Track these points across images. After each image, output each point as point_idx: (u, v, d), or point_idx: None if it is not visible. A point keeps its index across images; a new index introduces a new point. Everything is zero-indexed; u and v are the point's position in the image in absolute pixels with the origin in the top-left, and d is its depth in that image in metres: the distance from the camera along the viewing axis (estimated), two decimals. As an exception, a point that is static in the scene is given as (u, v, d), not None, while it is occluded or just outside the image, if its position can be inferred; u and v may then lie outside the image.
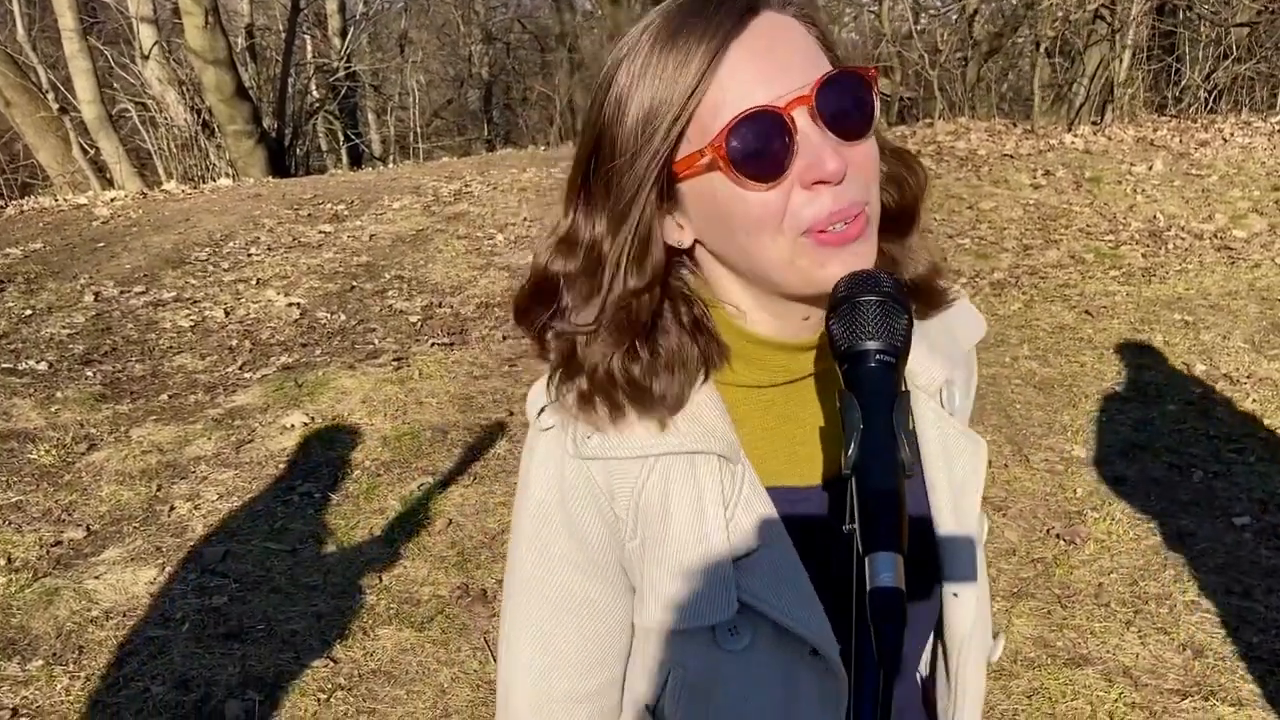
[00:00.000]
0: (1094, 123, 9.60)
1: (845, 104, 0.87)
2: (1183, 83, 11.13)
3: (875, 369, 0.82)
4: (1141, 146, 8.56)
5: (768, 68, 0.85)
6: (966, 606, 1.02)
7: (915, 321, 0.90)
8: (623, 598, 1.00)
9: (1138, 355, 5.05)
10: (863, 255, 0.88)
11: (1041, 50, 9.63)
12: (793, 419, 0.99)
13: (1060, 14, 9.27)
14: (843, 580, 0.93)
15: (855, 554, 0.76)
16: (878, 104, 0.90)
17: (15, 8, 12.30)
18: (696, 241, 0.95)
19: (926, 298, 1.04)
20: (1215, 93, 11.42)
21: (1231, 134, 8.82)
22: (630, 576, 0.99)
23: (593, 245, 0.93)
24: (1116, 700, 3.03)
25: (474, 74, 25.00)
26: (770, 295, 0.94)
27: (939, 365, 1.04)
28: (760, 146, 0.85)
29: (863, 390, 0.81)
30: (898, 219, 0.99)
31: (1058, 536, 3.80)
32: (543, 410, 1.00)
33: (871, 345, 0.82)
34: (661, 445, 0.94)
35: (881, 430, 0.78)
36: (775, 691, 0.96)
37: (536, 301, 1.00)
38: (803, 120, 0.85)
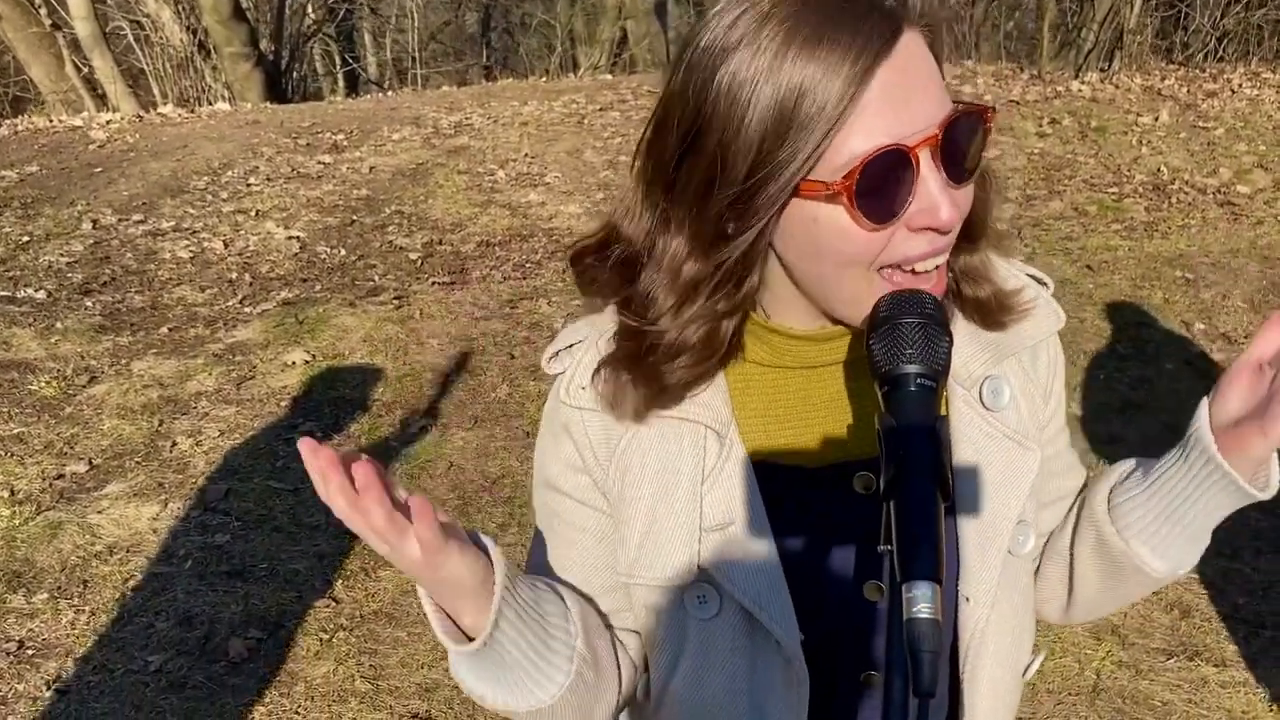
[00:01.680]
0: (1102, 69, 9.49)
1: (965, 148, 0.85)
2: (1192, 28, 11.00)
3: (915, 393, 0.82)
4: (1149, 96, 8.48)
5: (906, 102, 0.81)
6: (979, 612, 1.00)
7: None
8: (612, 531, 1.03)
9: (1138, 313, 5.06)
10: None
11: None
12: (804, 402, 0.99)
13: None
14: (828, 569, 0.97)
15: (890, 578, 0.77)
16: (989, 146, 0.89)
17: (6, -82, 12.00)
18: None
19: (989, 317, 1.01)
20: (1224, 40, 11.29)
21: (1240, 85, 8.73)
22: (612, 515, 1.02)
23: (676, 258, 0.91)
24: (1104, 658, 3.09)
25: (472, -5, 24.58)
26: (813, 305, 0.94)
27: (981, 359, 1.01)
28: (884, 188, 0.82)
29: (902, 415, 0.82)
30: (965, 229, 0.93)
31: (1052, 494, 3.85)
32: (555, 355, 1.03)
33: (912, 369, 0.83)
34: None
35: (920, 457, 0.79)
36: (739, 667, 0.98)
37: (600, 260, 0.99)
38: (925, 161, 0.83)
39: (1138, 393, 4.43)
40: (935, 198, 0.83)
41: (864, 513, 0.95)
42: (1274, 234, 6.09)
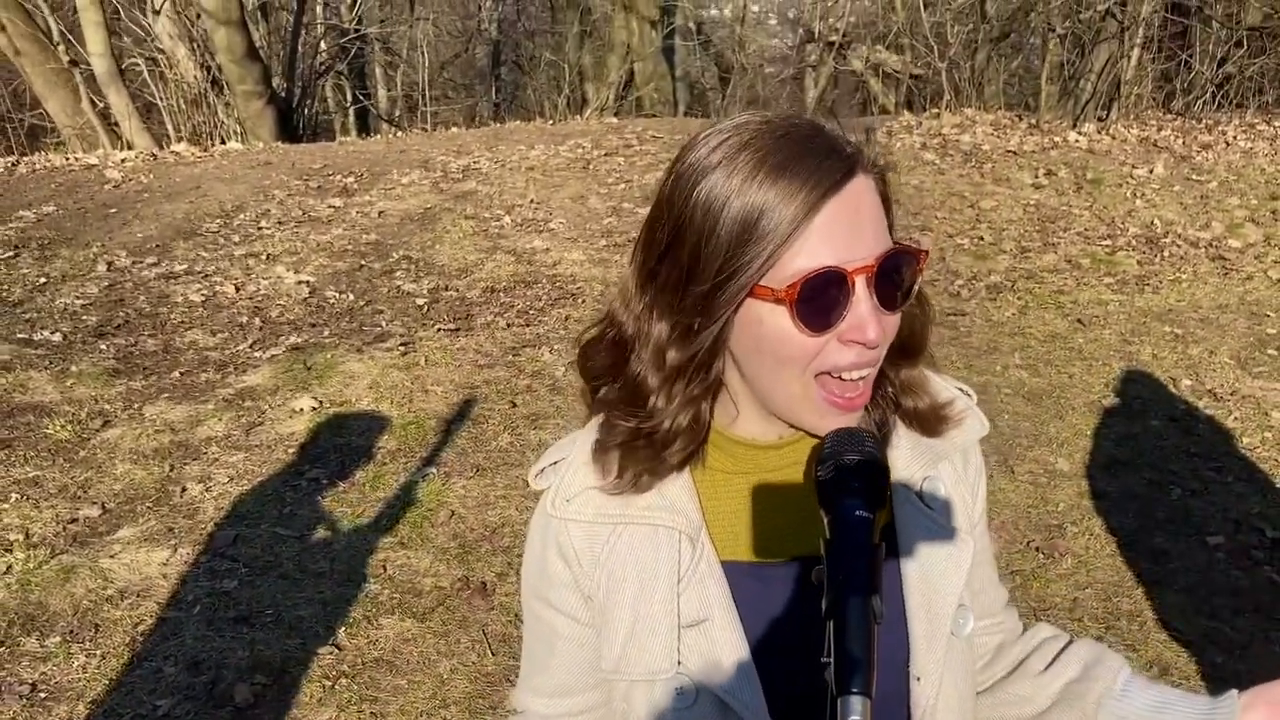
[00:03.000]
0: (1100, 118, 9.66)
1: (895, 280, 0.99)
2: (1191, 77, 11.18)
3: (854, 523, 0.94)
4: (1144, 148, 8.63)
5: (849, 234, 0.96)
6: (928, 689, 1.12)
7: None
8: (593, 638, 1.15)
9: (1126, 368, 5.18)
10: (854, 419, 1.03)
11: (1049, 45, 9.67)
12: (764, 506, 1.12)
13: (1070, 10, 9.30)
14: (791, 656, 1.09)
15: (830, 690, 0.89)
16: (919, 281, 1.03)
17: (28, -42, 12.27)
18: None
19: (926, 426, 1.15)
20: (1223, 90, 11.47)
21: (1234, 138, 8.89)
22: (594, 622, 1.13)
23: (660, 344, 1.05)
24: (1082, 716, 3.18)
25: (483, 30, 24.91)
26: (763, 407, 1.07)
27: (920, 462, 1.14)
28: (823, 302, 0.96)
29: (843, 542, 0.93)
30: (905, 348, 1.10)
31: (1037, 549, 3.95)
32: (541, 471, 1.16)
33: (851, 502, 0.95)
34: (626, 516, 1.09)
35: (857, 581, 0.91)
36: None
37: (599, 351, 1.13)
38: (860, 286, 0.96)
39: (1123, 449, 4.54)
40: (865, 318, 0.97)
41: (820, 603, 1.07)
42: (1263, 289, 6.21)
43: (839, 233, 0.95)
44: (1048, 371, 5.12)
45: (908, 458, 1.14)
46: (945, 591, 1.13)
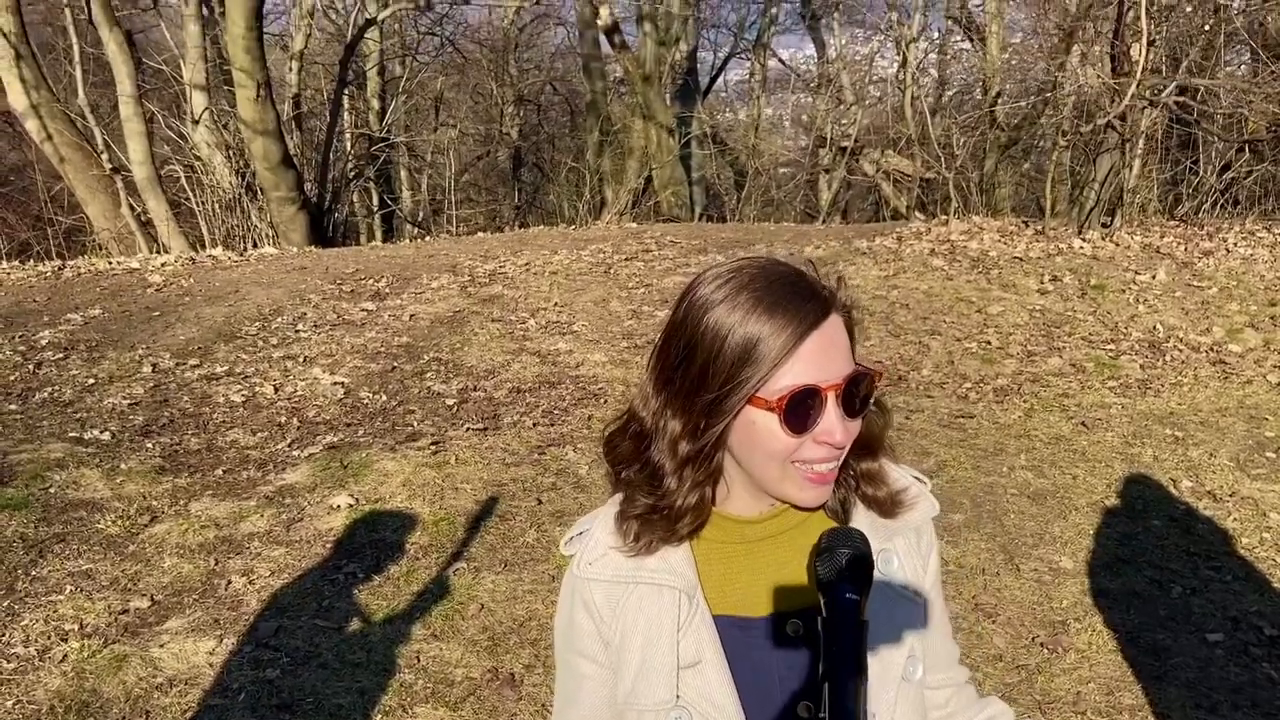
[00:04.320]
0: (1104, 225, 9.98)
1: (857, 396, 1.29)
2: (1196, 182, 11.54)
3: (846, 603, 1.18)
4: (1147, 254, 8.93)
5: (824, 360, 1.25)
6: None
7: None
8: (611, 678, 1.42)
9: (1128, 469, 5.38)
10: (826, 493, 1.33)
11: (1054, 158, 10.06)
12: (749, 569, 1.39)
13: (1073, 124, 9.70)
14: (770, 693, 1.37)
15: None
16: (873, 396, 1.33)
17: (77, 73, 12.92)
18: None
19: (884, 509, 1.44)
20: (1228, 190, 11.82)
21: (1235, 244, 9.19)
22: (612, 663, 1.42)
23: (674, 437, 1.33)
24: (1085, 805, 3.33)
25: (504, 134, 25.73)
26: (755, 485, 1.36)
27: (877, 538, 1.40)
28: (804, 411, 1.25)
29: (836, 620, 1.18)
30: (866, 445, 1.39)
31: (1042, 645, 4.12)
32: (569, 540, 1.47)
33: (844, 586, 1.19)
34: (637, 577, 1.39)
35: (847, 653, 1.15)
36: None
37: (622, 441, 1.42)
38: (830, 400, 1.26)
39: (1125, 548, 4.72)
40: (834, 425, 1.25)
41: (794, 650, 1.36)
42: (1262, 393, 6.43)
43: (817, 359, 1.24)
44: (1052, 473, 5.32)
45: (866, 533, 1.40)
46: (897, 644, 1.40)
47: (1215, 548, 4.78)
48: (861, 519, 1.41)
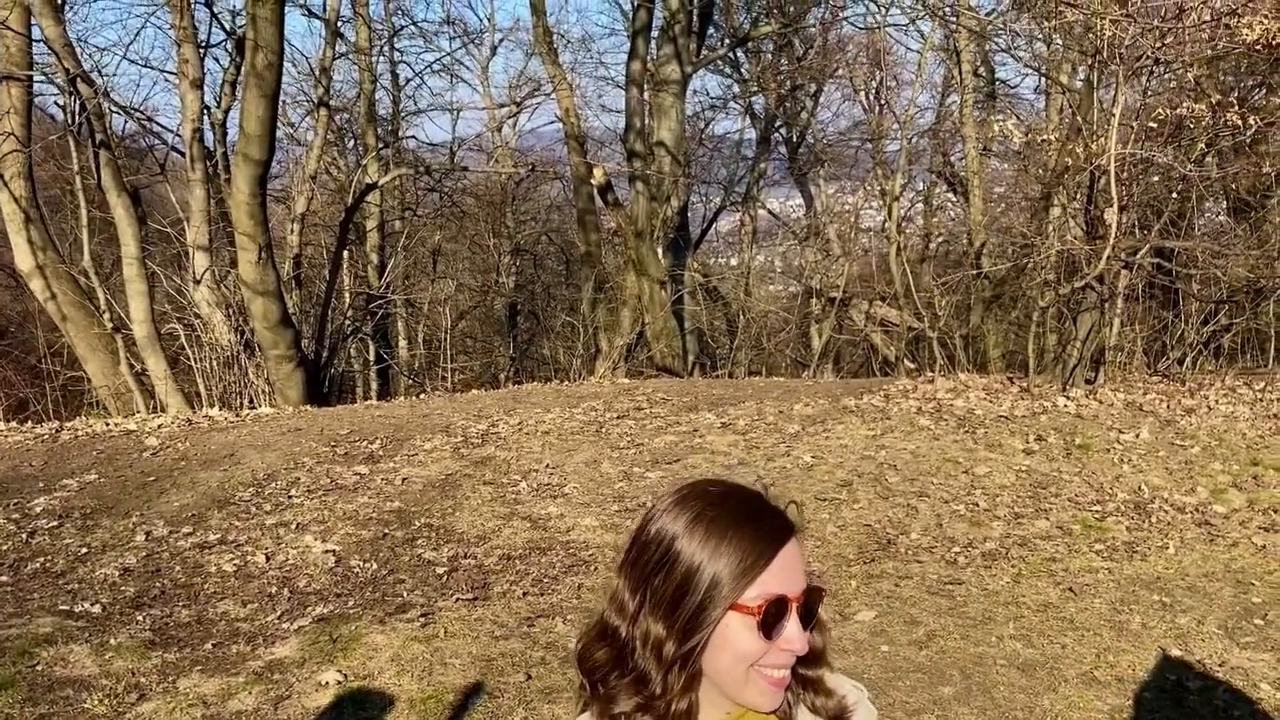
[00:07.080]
0: (1088, 381, 10.16)
1: (812, 607, 1.46)
2: (1178, 336, 11.79)
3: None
4: (1130, 411, 9.08)
5: (792, 573, 1.43)
6: None
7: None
8: None
9: (1117, 638, 5.39)
10: (780, 697, 1.46)
11: (1034, 320, 10.34)
12: None
13: (1054, 283, 10.01)
14: None
15: None
16: (823, 610, 1.50)
17: (84, 235, 13.29)
18: None
19: (825, 714, 1.57)
20: (1209, 349, 12.07)
21: (1216, 401, 9.35)
22: None
23: (656, 641, 1.45)
24: None
25: (500, 283, 26.27)
26: (719, 691, 1.48)
27: None
28: (775, 620, 1.41)
29: None
30: (815, 654, 1.53)
31: (1034, 828, 4.08)
32: None
33: None
34: None
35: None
36: None
37: (598, 649, 1.53)
38: (794, 610, 1.42)
39: (1115, 723, 4.71)
40: (795, 633, 1.42)
41: None
42: (1248, 556, 6.47)
43: (786, 571, 1.42)
44: (1040, 642, 5.33)
45: None
46: None
47: (1206, 721, 4.76)
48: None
